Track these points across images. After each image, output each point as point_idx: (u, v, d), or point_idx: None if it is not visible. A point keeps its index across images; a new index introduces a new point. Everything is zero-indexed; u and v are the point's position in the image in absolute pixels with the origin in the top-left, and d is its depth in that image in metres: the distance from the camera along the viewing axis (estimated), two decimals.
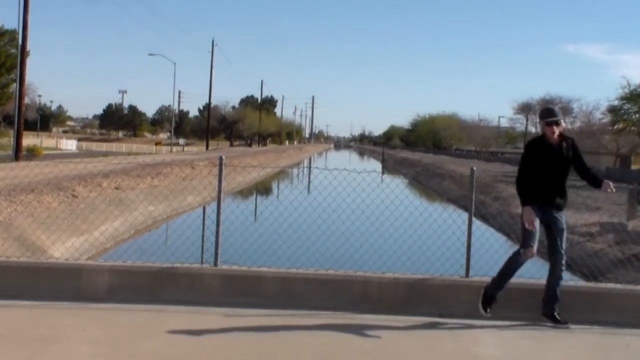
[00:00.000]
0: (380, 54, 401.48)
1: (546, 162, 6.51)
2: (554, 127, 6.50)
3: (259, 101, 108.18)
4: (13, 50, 47.32)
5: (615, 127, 47.37)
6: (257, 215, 18.87)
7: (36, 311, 6.30)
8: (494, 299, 6.52)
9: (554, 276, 6.59)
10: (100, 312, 6.37)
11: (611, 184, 6.53)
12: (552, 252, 6.61)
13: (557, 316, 6.56)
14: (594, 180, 6.63)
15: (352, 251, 8.12)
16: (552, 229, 6.59)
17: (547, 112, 6.65)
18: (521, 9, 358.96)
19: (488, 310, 6.52)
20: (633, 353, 6.02)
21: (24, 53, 31.68)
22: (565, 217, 6.66)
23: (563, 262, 6.58)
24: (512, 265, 6.52)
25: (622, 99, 44.50)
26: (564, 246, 6.58)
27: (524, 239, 6.48)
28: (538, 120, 7.20)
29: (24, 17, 30.83)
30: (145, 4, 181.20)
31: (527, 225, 6.39)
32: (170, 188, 21.19)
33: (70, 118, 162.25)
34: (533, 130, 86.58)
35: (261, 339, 5.83)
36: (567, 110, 77.41)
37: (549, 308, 6.58)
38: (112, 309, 6.47)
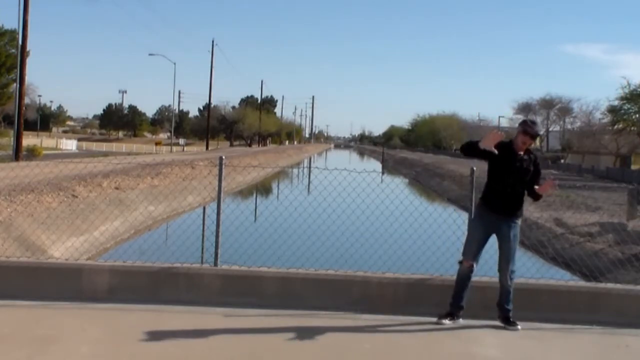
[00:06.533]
0: (380, 53, 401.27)
1: (505, 168, 6.40)
2: (528, 139, 6.41)
3: (259, 101, 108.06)
4: (13, 50, 47.21)
5: (615, 127, 47.37)
6: (257, 215, 18.86)
7: (36, 311, 6.30)
8: (451, 314, 6.46)
9: (501, 285, 6.47)
10: (100, 312, 6.37)
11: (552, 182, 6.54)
12: (499, 260, 6.48)
13: (510, 319, 6.44)
14: (534, 194, 6.52)
15: (352, 251, 8.11)
16: (499, 238, 6.48)
17: (532, 124, 6.52)
18: (521, 9, 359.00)
19: (449, 319, 6.44)
20: (633, 353, 6.02)
21: (24, 53, 31.66)
22: (518, 227, 6.49)
23: (511, 271, 6.39)
24: (459, 278, 6.50)
25: (622, 99, 44.52)
26: (512, 254, 6.40)
27: (464, 248, 6.47)
28: (517, 126, 7.06)
29: (24, 17, 30.81)
30: (145, 4, 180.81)
31: (493, 135, 6.34)
32: (170, 188, 21.18)
33: (70, 118, 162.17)
34: None
35: (261, 339, 5.83)
36: (567, 110, 77.50)
37: (507, 312, 6.47)
38: (112, 309, 6.46)
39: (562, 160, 63.34)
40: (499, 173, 6.43)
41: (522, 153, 6.45)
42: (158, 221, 18.36)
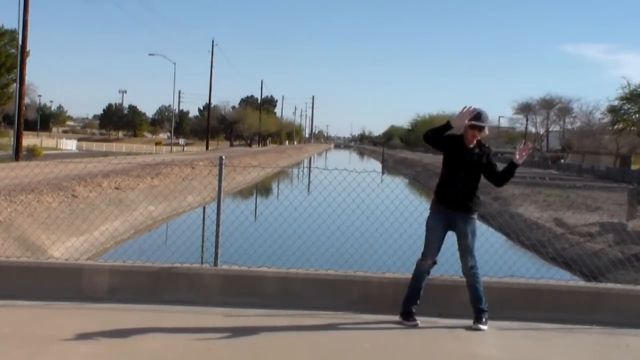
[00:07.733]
0: (380, 54, 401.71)
1: (455, 163, 6.35)
2: (476, 132, 6.30)
3: (259, 101, 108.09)
4: (13, 50, 47.19)
5: (615, 127, 47.40)
6: (257, 215, 18.85)
7: (36, 311, 6.30)
8: (411, 312, 6.40)
9: (468, 284, 6.42)
10: (100, 312, 6.37)
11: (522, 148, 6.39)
12: (460, 257, 6.43)
13: (483, 318, 6.36)
14: (506, 171, 6.40)
15: (352, 251, 8.11)
16: (456, 234, 6.42)
17: (476, 115, 6.29)
18: (521, 9, 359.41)
19: (410, 319, 6.36)
20: (633, 353, 6.02)
21: (24, 53, 31.66)
22: (475, 222, 6.42)
23: (471, 266, 6.34)
24: (417, 275, 6.47)
25: (622, 99, 44.55)
26: (471, 250, 6.33)
27: (424, 248, 6.45)
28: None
29: (24, 17, 30.81)
30: (145, 4, 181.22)
31: (466, 112, 6.23)
32: (170, 188, 21.17)
33: (70, 118, 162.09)
34: (533, 130, 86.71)
35: (261, 339, 5.83)
36: (567, 110, 77.50)
37: (479, 311, 6.37)
38: (112, 309, 6.46)
39: (562, 160, 63.34)
40: (451, 167, 6.39)
41: (473, 146, 6.38)
42: (158, 221, 18.36)
